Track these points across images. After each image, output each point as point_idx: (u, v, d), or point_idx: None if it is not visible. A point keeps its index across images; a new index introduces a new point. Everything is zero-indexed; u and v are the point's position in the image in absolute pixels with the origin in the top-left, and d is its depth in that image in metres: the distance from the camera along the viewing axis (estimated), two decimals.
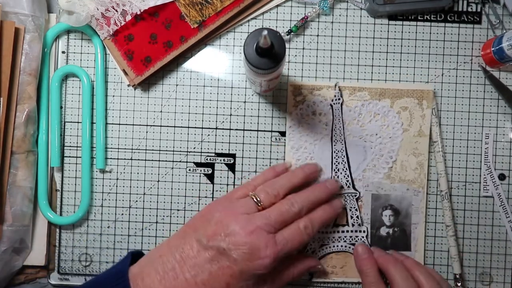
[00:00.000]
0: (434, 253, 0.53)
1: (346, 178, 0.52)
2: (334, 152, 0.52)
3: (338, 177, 0.52)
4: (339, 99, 0.51)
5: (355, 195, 0.52)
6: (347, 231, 0.52)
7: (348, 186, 0.52)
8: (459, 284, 0.51)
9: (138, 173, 0.53)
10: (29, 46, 0.50)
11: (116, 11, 0.50)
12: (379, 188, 0.52)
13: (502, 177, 0.53)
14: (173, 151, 0.53)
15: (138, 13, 0.50)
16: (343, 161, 0.52)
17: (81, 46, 0.53)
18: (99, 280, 0.44)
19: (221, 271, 0.42)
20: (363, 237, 0.52)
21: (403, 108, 0.52)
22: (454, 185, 0.53)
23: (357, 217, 0.52)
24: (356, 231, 0.52)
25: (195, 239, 0.43)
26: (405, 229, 0.52)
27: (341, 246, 0.52)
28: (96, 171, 0.53)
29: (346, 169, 0.52)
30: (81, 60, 0.53)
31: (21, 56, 0.49)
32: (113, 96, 0.53)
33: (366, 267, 0.49)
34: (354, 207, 0.52)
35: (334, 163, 0.52)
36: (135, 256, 0.46)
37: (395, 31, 0.53)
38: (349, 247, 0.52)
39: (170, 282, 0.42)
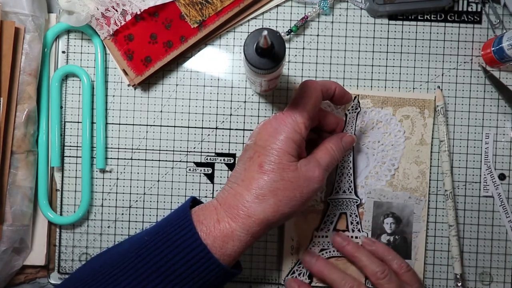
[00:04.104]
0: (434, 253, 0.53)
1: (349, 184, 0.52)
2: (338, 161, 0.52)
3: (341, 181, 0.52)
4: (356, 109, 0.51)
5: (356, 202, 0.52)
6: (347, 237, 0.52)
7: (350, 192, 0.52)
8: (459, 284, 0.51)
9: (138, 173, 0.53)
10: (29, 46, 0.50)
11: (116, 11, 0.50)
12: (381, 195, 0.52)
13: (502, 177, 0.53)
14: (173, 151, 0.53)
15: (138, 13, 0.50)
16: (348, 166, 0.52)
17: (81, 46, 0.53)
18: (165, 222, 0.44)
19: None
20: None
21: (405, 117, 0.52)
22: (455, 185, 0.53)
23: (357, 223, 0.52)
24: (356, 237, 0.52)
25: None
26: (406, 237, 0.52)
27: None
28: (96, 171, 0.53)
29: (351, 174, 0.52)
30: (81, 60, 0.53)
31: (21, 56, 0.49)
32: (113, 96, 0.53)
33: (353, 251, 0.49)
34: (355, 213, 0.52)
35: (339, 167, 0.52)
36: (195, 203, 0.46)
37: (395, 31, 0.53)
38: None
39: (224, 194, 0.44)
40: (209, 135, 0.53)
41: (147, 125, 0.53)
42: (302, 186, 0.42)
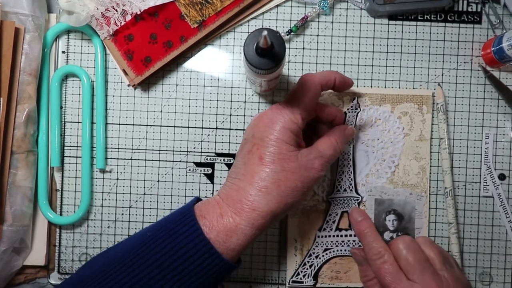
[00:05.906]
0: None
1: (350, 182, 0.52)
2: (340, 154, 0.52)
3: (342, 179, 0.52)
4: (356, 109, 0.51)
5: (357, 200, 0.52)
6: (350, 235, 0.52)
7: (351, 190, 0.52)
8: None
9: (138, 173, 0.53)
10: (29, 46, 0.50)
11: (116, 11, 0.50)
12: (382, 192, 0.52)
13: (502, 177, 0.53)
14: (173, 151, 0.53)
15: (138, 13, 0.50)
16: (348, 164, 0.52)
17: (81, 46, 0.53)
18: (167, 219, 0.44)
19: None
20: None
21: (403, 113, 0.52)
22: (455, 185, 0.53)
23: None
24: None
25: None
26: (408, 234, 0.52)
27: (345, 250, 0.52)
28: (96, 171, 0.53)
29: (351, 172, 0.52)
30: (81, 60, 0.53)
31: (21, 56, 0.49)
32: (113, 96, 0.53)
33: (363, 227, 0.49)
34: None
35: (340, 165, 0.52)
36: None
37: (395, 31, 0.53)
38: None
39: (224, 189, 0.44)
40: (209, 135, 0.53)
41: (147, 125, 0.53)
42: (303, 176, 0.42)
